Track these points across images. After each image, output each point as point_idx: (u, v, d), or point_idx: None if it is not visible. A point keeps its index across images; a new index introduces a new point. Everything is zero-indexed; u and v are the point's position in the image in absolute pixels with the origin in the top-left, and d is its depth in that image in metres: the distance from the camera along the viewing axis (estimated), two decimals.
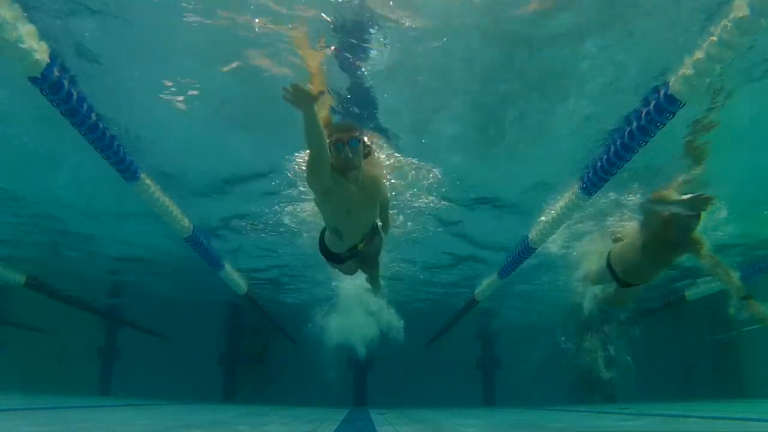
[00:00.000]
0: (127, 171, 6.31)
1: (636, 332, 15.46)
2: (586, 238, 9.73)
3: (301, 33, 4.83)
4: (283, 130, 5.98)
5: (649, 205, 6.64)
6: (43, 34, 4.21)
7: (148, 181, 6.85)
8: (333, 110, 5.82)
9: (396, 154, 6.89)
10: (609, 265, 7.12)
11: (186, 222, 8.20)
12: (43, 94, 4.48)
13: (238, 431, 6.00)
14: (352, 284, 11.67)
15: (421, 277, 13.04)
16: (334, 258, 5.50)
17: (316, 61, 5.20)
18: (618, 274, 6.98)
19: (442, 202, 8.50)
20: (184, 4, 4.44)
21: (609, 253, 7.20)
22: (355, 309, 13.44)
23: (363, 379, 18.50)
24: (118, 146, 5.85)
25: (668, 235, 6.12)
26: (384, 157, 6.85)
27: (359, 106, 5.84)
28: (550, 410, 11.74)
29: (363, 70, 5.33)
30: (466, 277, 12.58)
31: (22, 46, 3.98)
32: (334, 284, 12.89)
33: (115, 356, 17.98)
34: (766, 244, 10.53)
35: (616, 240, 7.66)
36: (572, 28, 4.71)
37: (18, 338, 15.94)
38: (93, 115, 5.17)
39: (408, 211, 8.79)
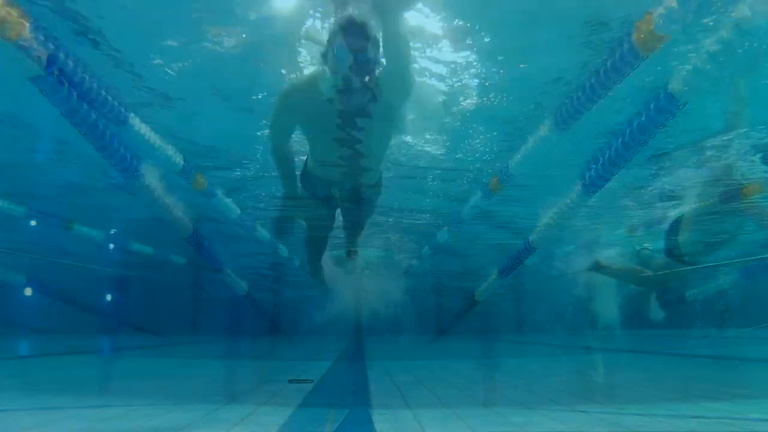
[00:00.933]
0: (128, 170, 6.33)
1: (635, 332, 15.48)
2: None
3: None
4: None
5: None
6: None
7: (148, 181, 6.87)
8: None
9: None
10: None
11: (187, 221, 8.21)
12: (44, 95, 4.50)
13: None
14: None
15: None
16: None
17: None
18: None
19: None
20: None
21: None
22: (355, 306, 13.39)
23: (363, 379, 18.46)
24: (119, 144, 5.87)
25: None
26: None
27: None
28: (555, 411, 11.67)
29: None
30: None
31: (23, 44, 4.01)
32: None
33: (116, 356, 17.97)
34: None
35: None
36: None
37: (17, 337, 15.98)
38: (93, 115, 5.19)
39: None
